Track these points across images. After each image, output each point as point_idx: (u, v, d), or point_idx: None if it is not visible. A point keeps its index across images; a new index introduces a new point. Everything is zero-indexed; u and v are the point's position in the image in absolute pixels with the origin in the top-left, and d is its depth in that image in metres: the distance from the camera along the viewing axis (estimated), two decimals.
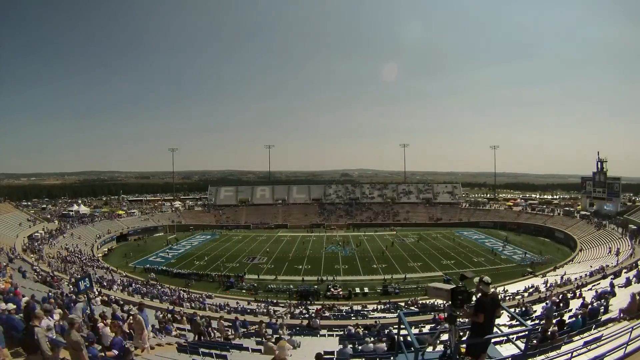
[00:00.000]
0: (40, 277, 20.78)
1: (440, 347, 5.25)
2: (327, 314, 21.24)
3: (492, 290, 4.36)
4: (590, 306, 11.25)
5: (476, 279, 4.37)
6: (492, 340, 4.71)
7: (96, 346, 6.37)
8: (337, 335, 13.37)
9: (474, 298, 4.33)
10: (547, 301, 15.60)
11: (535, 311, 14.14)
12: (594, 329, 8.66)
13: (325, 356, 8.15)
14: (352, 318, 19.36)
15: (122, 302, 16.68)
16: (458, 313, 4.25)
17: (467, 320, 4.71)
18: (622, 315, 8.90)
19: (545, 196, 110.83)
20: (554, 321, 9.45)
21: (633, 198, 77.10)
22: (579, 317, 9.57)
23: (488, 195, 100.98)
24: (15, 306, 7.57)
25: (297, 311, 22.15)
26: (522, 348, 4.47)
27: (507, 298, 22.24)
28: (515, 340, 5.14)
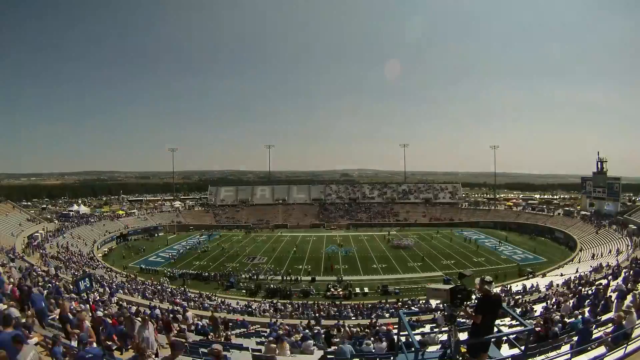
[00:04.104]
0: (40, 277, 20.74)
1: (440, 347, 5.25)
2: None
3: (495, 290, 4.32)
4: (590, 306, 11.26)
5: (477, 280, 4.31)
6: (492, 340, 4.71)
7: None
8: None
9: (473, 297, 4.32)
10: (547, 301, 15.62)
11: (535, 311, 14.14)
12: (594, 329, 8.64)
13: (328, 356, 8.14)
14: (352, 318, 19.37)
15: (122, 302, 16.69)
16: (458, 313, 4.25)
17: (467, 320, 4.70)
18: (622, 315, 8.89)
19: (545, 196, 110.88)
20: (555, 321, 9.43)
21: (633, 198, 77.14)
22: (579, 317, 9.57)
23: (488, 195, 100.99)
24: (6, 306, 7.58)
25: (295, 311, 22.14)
26: (522, 348, 4.47)
27: (507, 298, 22.22)
28: (515, 340, 5.14)
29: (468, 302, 4.28)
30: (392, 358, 6.27)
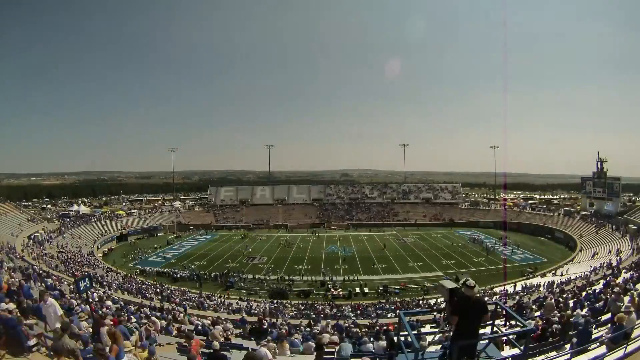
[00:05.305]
0: (40, 277, 20.75)
1: (439, 347, 5.25)
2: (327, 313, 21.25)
3: (477, 294, 4.08)
4: (590, 306, 11.26)
5: (461, 281, 4.22)
6: (493, 342, 4.70)
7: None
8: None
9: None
10: (547, 301, 15.60)
11: (535, 311, 14.13)
12: (594, 329, 8.65)
13: (325, 356, 8.14)
14: (352, 318, 19.36)
15: (122, 303, 16.69)
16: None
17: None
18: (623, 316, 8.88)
19: (545, 196, 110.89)
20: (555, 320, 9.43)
21: (633, 198, 77.17)
22: (579, 317, 9.55)
23: (488, 195, 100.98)
24: (15, 306, 7.57)
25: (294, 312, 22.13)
26: (522, 348, 4.47)
27: (507, 298, 22.22)
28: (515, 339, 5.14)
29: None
30: (392, 358, 6.27)
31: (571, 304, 12.85)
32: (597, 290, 14.95)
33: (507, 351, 6.03)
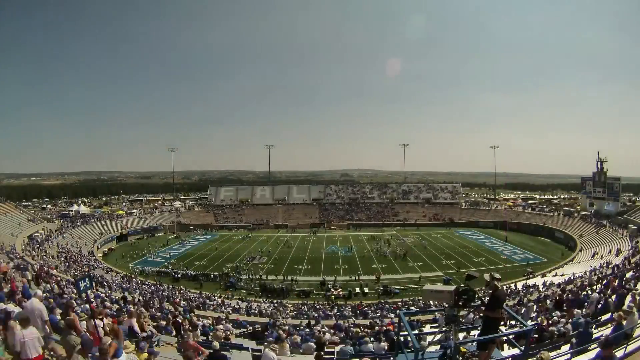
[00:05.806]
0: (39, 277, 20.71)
1: (438, 347, 5.26)
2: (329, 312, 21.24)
3: (501, 285, 4.63)
4: (590, 306, 11.26)
5: (486, 275, 4.53)
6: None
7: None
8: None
9: (476, 297, 4.34)
10: (547, 301, 15.61)
11: (535, 312, 14.11)
12: (594, 329, 8.64)
13: (325, 356, 8.15)
14: (352, 318, 19.34)
15: (122, 303, 16.66)
16: (459, 313, 4.27)
17: (467, 318, 4.73)
18: (622, 315, 8.87)
19: (545, 196, 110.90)
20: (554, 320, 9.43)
21: (633, 198, 77.15)
22: (579, 317, 9.55)
23: (488, 195, 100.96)
24: (15, 306, 7.57)
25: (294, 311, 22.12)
26: (522, 348, 4.48)
27: (507, 298, 22.22)
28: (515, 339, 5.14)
29: (472, 303, 4.29)
30: (392, 358, 6.27)
31: (571, 304, 12.84)
32: (597, 290, 14.94)
33: (507, 351, 6.02)
